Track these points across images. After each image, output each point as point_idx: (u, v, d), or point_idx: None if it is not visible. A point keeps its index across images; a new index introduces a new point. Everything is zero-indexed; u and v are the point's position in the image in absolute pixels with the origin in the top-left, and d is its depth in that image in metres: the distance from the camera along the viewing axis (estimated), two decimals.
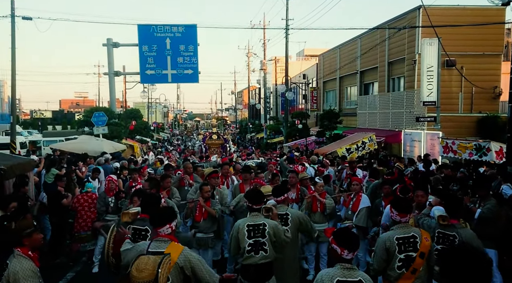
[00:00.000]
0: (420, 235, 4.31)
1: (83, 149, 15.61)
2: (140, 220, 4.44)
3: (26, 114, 72.77)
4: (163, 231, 3.71)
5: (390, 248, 4.26)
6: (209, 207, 6.54)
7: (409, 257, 4.24)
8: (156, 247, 3.63)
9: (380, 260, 4.31)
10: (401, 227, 4.38)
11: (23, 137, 29.88)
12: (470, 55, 18.99)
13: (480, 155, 12.38)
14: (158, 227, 3.72)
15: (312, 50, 51.60)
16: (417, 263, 4.23)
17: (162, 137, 51.96)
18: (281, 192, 5.59)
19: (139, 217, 4.44)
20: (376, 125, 22.47)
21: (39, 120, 58.84)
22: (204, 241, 6.60)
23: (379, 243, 4.39)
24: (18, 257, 3.61)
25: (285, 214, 5.40)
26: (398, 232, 4.34)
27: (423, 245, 4.26)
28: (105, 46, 25.39)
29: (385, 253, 4.28)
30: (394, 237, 4.29)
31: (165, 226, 3.72)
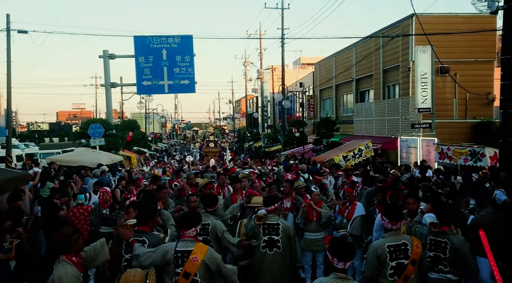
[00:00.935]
0: (411, 242, 4.33)
1: (80, 161, 15.58)
2: (138, 232, 4.39)
3: (23, 127, 72.77)
4: (189, 233, 4.21)
5: (381, 255, 4.28)
6: None
7: (400, 264, 4.25)
8: (184, 246, 4.11)
9: (372, 267, 4.33)
10: (392, 235, 4.40)
11: (19, 150, 29.84)
12: (463, 62, 19.15)
13: (475, 161, 12.45)
14: (185, 229, 4.22)
15: (308, 58, 51.86)
16: (409, 270, 4.24)
17: (160, 148, 51.94)
18: (271, 202, 5.58)
19: (136, 229, 4.40)
20: (373, 133, 22.56)
21: (36, 132, 58.82)
22: None
23: (370, 250, 4.43)
24: (63, 263, 3.70)
25: (276, 223, 5.41)
26: (389, 240, 4.36)
27: (414, 252, 4.28)
28: (101, 58, 25.50)
29: (377, 261, 4.30)
30: (385, 244, 4.31)
31: (192, 228, 4.23)
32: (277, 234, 5.32)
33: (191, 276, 3.99)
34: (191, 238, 4.20)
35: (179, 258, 4.06)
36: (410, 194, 6.14)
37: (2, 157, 20.87)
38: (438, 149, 14.09)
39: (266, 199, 5.70)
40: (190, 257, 4.04)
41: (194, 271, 4.00)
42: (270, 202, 5.57)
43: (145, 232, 4.39)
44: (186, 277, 4.00)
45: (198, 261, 4.02)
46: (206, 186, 7.35)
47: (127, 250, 4.27)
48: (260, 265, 5.31)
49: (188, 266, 4.01)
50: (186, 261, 4.03)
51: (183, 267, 4.02)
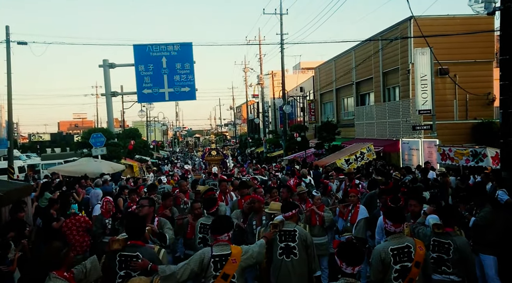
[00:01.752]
0: (414, 245, 4.32)
1: (82, 171, 15.60)
2: (131, 247, 4.22)
3: (24, 138, 72.87)
4: (222, 238, 4.40)
5: (385, 259, 4.27)
6: None
7: (404, 267, 4.24)
8: (220, 250, 4.30)
9: (377, 271, 4.32)
10: (395, 238, 4.39)
11: (21, 161, 29.90)
12: (463, 63, 19.17)
13: (476, 161, 12.42)
14: (218, 234, 4.41)
15: (308, 63, 52.01)
16: (413, 272, 4.23)
17: (162, 156, 51.99)
18: (289, 208, 5.45)
19: (129, 243, 4.23)
20: (374, 135, 22.55)
21: (37, 143, 58.88)
22: None
23: (374, 254, 4.40)
24: (54, 279, 3.62)
25: (293, 230, 5.28)
26: (393, 243, 4.35)
27: (417, 255, 4.27)
28: (101, 67, 25.59)
29: (381, 265, 4.29)
30: (389, 248, 4.30)
31: (224, 234, 4.42)
32: (293, 241, 5.21)
33: (230, 278, 4.23)
34: (225, 242, 4.39)
35: (218, 262, 4.26)
36: (412, 196, 6.12)
37: (4, 169, 20.91)
38: (440, 150, 14.07)
39: (284, 205, 5.59)
40: (230, 260, 4.27)
41: (233, 272, 4.24)
42: (287, 208, 5.45)
43: (138, 246, 4.25)
44: (225, 279, 4.22)
45: (237, 263, 4.28)
46: (207, 193, 7.35)
47: (121, 266, 4.12)
48: (278, 272, 5.22)
49: (228, 268, 4.24)
50: (225, 264, 4.25)
51: (222, 270, 4.23)
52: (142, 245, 4.30)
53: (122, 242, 4.19)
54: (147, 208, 5.69)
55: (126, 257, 4.15)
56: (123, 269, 4.12)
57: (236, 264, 4.28)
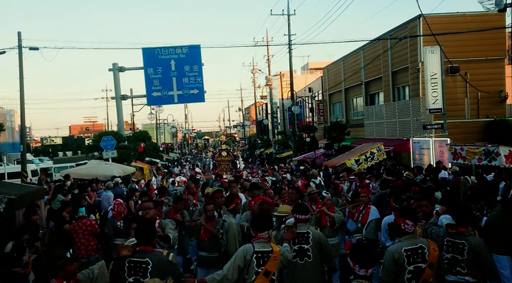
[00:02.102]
0: (428, 246, 4.28)
1: (93, 174, 15.73)
2: (140, 253, 4.09)
3: (37, 141, 73.60)
4: (262, 235, 4.48)
5: (398, 260, 4.23)
6: (213, 227, 6.50)
7: (418, 268, 4.19)
8: (262, 247, 4.39)
9: (389, 272, 4.27)
10: (409, 238, 4.34)
11: (34, 165, 30.22)
12: (473, 61, 18.96)
13: (489, 160, 12.27)
14: (259, 231, 4.50)
15: (316, 63, 51.88)
16: (427, 274, 4.18)
17: (172, 158, 52.19)
18: (303, 211, 5.30)
19: (138, 249, 4.12)
20: (384, 135, 22.41)
21: (49, 147, 59.49)
22: (208, 260, 6.57)
23: (387, 255, 4.36)
24: None
25: (306, 232, 5.16)
26: (406, 244, 4.30)
27: (431, 256, 4.22)
28: (111, 71, 25.79)
29: (394, 265, 4.24)
30: (402, 248, 4.26)
31: (265, 231, 4.50)
32: (307, 243, 5.11)
33: (271, 275, 4.30)
34: (265, 240, 4.47)
35: (260, 258, 4.33)
36: (424, 196, 6.07)
37: (17, 172, 21.16)
38: (451, 149, 13.92)
39: (297, 208, 5.45)
40: (272, 257, 4.32)
41: (273, 270, 4.32)
42: (301, 211, 5.30)
43: (148, 252, 4.11)
44: (267, 275, 4.29)
45: (277, 261, 4.35)
46: (214, 194, 7.36)
47: (130, 273, 3.99)
48: (291, 275, 5.13)
49: (270, 265, 4.31)
50: (268, 261, 4.31)
51: (264, 266, 4.29)
52: (152, 251, 4.18)
53: (132, 248, 4.09)
54: (153, 210, 5.75)
55: (135, 263, 4.04)
56: (132, 275, 4.01)
57: (276, 262, 4.35)
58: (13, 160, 32.16)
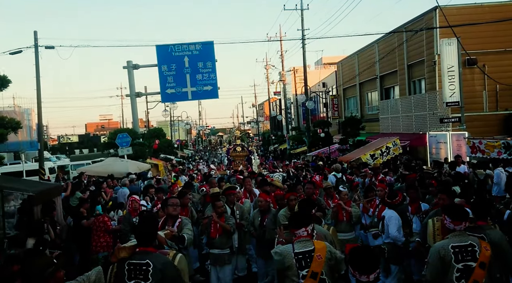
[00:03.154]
0: (478, 244, 4.01)
1: (109, 171, 15.87)
2: (140, 254, 3.82)
3: (54, 140, 74.79)
4: (299, 233, 4.08)
5: (445, 257, 3.98)
6: (223, 223, 6.47)
7: (468, 267, 3.93)
8: (302, 247, 4.01)
9: (435, 270, 4.02)
10: (457, 235, 4.09)
11: (51, 162, 30.68)
12: (492, 52, 18.54)
13: (509, 153, 12.04)
14: (295, 229, 4.10)
15: (330, 58, 51.50)
16: (477, 274, 3.92)
17: (186, 155, 52.47)
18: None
19: (137, 251, 3.85)
20: (400, 129, 22.14)
21: (66, 145, 60.42)
22: (221, 258, 6.54)
23: (432, 252, 4.12)
24: None
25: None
26: (454, 240, 4.05)
27: (483, 255, 3.94)
28: (125, 69, 25.97)
29: (440, 263, 3.99)
30: (450, 245, 4.01)
31: (302, 228, 4.07)
32: None
33: (319, 275, 3.93)
34: (306, 238, 4.08)
35: (302, 259, 3.97)
36: (442, 190, 5.93)
37: (35, 170, 21.50)
38: (469, 143, 13.70)
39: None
40: (315, 256, 3.96)
41: (320, 269, 3.94)
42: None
43: (149, 253, 3.83)
44: (314, 277, 3.92)
45: (322, 259, 3.96)
46: (226, 192, 7.33)
47: (130, 276, 3.76)
48: None
49: (315, 265, 3.95)
50: (311, 261, 3.95)
51: (309, 268, 3.93)
52: (153, 251, 3.89)
53: (130, 249, 3.84)
54: (179, 208, 5.68)
55: (135, 265, 3.78)
56: (133, 279, 3.75)
57: (322, 261, 3.95)
58: (31, 158, 32.70)
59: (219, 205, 6.54)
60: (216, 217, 6.46)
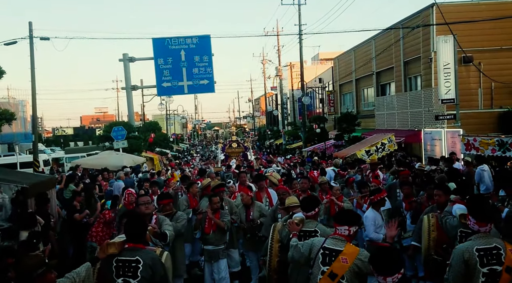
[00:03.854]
0: (504, 247, 3.80)
1: (104, 164, 15.84)
2: (129, 250, 3.69)
3: (48, 132, 74.40)
4: (340, 230, 3.92)
5: (469, 260, 3.78)
6: (218, 219, 6.38)
7: (493, 271, 3.73)
8: (333, 244, 3.85)
9: (458, 274, 3.82)
10: (481, 237, 3.85)
11: (46, 155, 30.53)
12: (488, 50, 18.60)
13: (503, 151, 12.10)
14: (339, 225, 3.94)
15: (326, 53, 51.46)
16: (504, 278, 3.72)
17: (182, 149, 52.40)
18: (311, 206, 4.75)
19: (127, 246, 3.71)
20: (395, 126, 22.20)
21: (61, 137, 60.16)
22: (215, 253, 6.53)
23: (455, 254, 3.89)
24: None
25: (314, 230, 4.60)
26: (478, 243, 3.81)
27: (508, 258, 3.74)
28: (121, 62, 25.84)
29: (464, 267, 3.80)
30: (474, 248, 3.79)
31: (344, 226, 3.91)
32: None
33: (338, 278, 3.68)
34: (342, 237, 3.88)
35: (327, 255, 3.81)
36: (438, 186, 5.88)
37: (29, 162, 21.40)
38: (464, 140, 13.75)
39: (304, 202, 4.86)
40: (340, 258, 3.73)
41: (342, 273, 3.68)
42: (309, 206, 4.71)
43: (138, 249, 3.71)
44: (332, 278, 3.70)
45: (347, 264, 3.69)
46: (216, 189, 7.21)
47: (118, 273, 3.63)
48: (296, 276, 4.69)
49: (336, 266, 3.72)
50: (334, 261, 3.75)
51: (329, 267, 3.75)
52: (142, 248, 3.77)
53: (119, 245, 3.68)
54: (152, 205, 5.49)
55: (124, 262, 3.64)
56: (121, 276, 3.62)
57: (347, 265, 3.68)
58: (25, 150, 32.51)
59: (215, 200, 6.45)
60: (211, 213, 6.37)
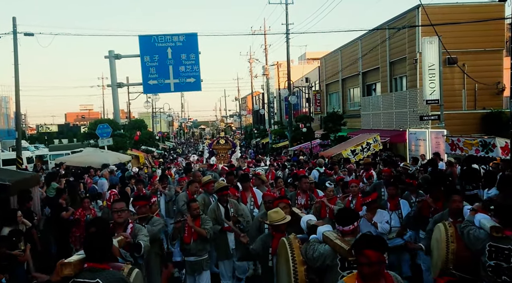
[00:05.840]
0: None
1: (89, 162, 15.66)
2: (89, 271, 3.16)
3: (32, 129, 73.23)
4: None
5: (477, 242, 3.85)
6: (199, 226, 5.74)
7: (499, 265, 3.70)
8: None
9: None
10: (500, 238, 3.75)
11: (29, 152, 30.10)
12: (472, 52, 18.90)
13: (486, 151, 12.30)
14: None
15: (313, 53, 51.67)
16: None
17: (168, 147, 52.09)
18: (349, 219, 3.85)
19: (86, 267, 3.18)
20: (381, 126, 22.41)
21: (45, 134, 59.30)
22: (198, 265, 5.91)
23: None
24: None
25: None
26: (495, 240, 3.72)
27: None
28: (107, 59, 25.56)
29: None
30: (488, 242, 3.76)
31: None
32: None
33: None
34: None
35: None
36: (455, 190, 5.34)
37: (12, 159, 21.07)
38: (448, 140, 13.95)
39: (341, 214, 3.95)
40: None
41: None
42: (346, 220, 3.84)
43: (100, 270, 3.15)
44: None
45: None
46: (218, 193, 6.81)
47: None
48: None
49: None
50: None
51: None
52: (106, 268, 3.19)
53: (76, 265, 3.14)
54: (126, 212, 4.78)
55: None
56: None
57: None
58: (8, 147, 31.99)
59: (194, 206, 5.82)
60: (191, 221, 5.71)
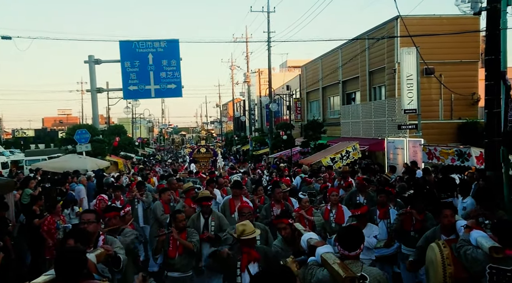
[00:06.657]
0: None
1: (66, 167, 15.38)
2: None
3: (8, 133, 71.62)
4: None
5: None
6: (185, 239, 5.39)
7: None
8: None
9: None
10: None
11: (5, 157, 29.41)
12: (448, 63, 19.35)
13: (462, 161, 12.55)
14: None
15: (295, 61, 52.10)
16: None
17: (147, 153, 51.55)
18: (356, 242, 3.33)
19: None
20: (360, 134, 22.67)
21: (21, 139, 57.99)
22: (182, 282, 5.54)
23: None
24: None
25: (361, 276, 3.23)
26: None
27: None
28: (87, 63, 25.24)
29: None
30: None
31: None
32: None
33: None
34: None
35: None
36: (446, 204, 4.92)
37: None
38: (425, 149, 14.18)
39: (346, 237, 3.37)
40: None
41: None
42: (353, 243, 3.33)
43: None
44: None
45: None
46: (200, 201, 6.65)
47: None
48: None
49: None
50: None
51: None
52: None
53: None
54: (95, 224, 4.40)
55: None
56: None
57: None
58: None
59: (180, 218, 5.45)
60: (176, 233, 5.33)
